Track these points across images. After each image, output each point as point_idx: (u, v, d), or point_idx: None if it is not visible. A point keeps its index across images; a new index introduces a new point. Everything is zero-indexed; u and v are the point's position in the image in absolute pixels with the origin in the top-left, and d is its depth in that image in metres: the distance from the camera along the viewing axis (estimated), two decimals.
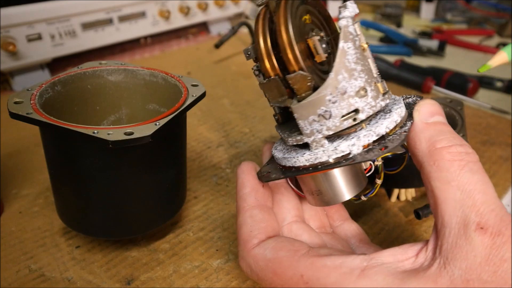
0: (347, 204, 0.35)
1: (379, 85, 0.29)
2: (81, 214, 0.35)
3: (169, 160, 0.36)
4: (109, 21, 0.79)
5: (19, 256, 0.38)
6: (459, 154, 0.25)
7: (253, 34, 0.30)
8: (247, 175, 0.33)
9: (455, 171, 0.25)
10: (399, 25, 1.07)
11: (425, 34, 0.98)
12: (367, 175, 0.32)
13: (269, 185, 0.34)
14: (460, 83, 0.70)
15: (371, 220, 0.43)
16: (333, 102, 0.27)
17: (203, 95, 0.36)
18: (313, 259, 0.27)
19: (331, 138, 0.29)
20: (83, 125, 0.30)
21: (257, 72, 0.31)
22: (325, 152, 0.28)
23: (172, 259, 0.38)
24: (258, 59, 0.29)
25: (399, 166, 0.35)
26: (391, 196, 0.45)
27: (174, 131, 0.35)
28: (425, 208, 0.40)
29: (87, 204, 0.34)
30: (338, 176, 0.31)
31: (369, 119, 0.29)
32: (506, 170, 0.50)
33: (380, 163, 0.31)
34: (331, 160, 0.28)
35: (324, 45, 0.28)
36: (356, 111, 0.28)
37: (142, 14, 0.84)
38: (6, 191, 0.46)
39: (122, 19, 0.81)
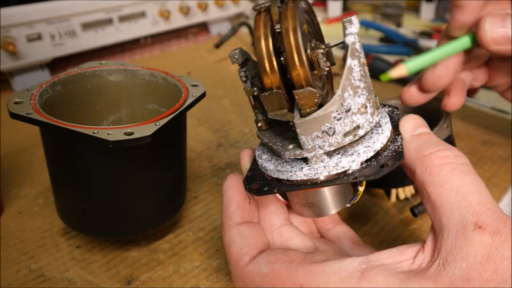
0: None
1: (374, 100, 0.29)
2: (81, 214, 0.35)
3: (169, 160, 0.36)
4: (109, 21, 0.80)
5: (19, 256, 0.38)
6: (447, 157, 0.26)
7: (253, 34, 0.29)
8: (234, 191, 0.32)
9: (447, 174, 0.25)
10: (399, 25, 1.07)
11: (425, 34, 0.99)
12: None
13: (254, 198, 0.33)
14: None
15: (371, 220, 0.43)
16: (338, 119, 0.27)
17: (203, 95, 0.36)
18: (310, 266, 0.26)
19: (329, 153, 0.29)
20: (83, 125, 0.30)
21: (244, 78, 0.30)
22: (326, 168, 0.28)
23: (172, 259, 0.38)
24: (259, 68, 0.28)
25: None
26: (390, 196, 0.45)
27: (174, 131, 0.35)
28: (420, 205, 0.41)
29: (87, 204, 0.34)
30: (333, 190, 0.31)
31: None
32: (506, 170, 0.50)
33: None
34: (333, 174, 0.28)
35: (324, 59, 0.28)
36: (358, 127, 0.28)
37: (142, 14, 0.84)
38: (6, 191, 0.46)
39: (122, 19, 0.81)
